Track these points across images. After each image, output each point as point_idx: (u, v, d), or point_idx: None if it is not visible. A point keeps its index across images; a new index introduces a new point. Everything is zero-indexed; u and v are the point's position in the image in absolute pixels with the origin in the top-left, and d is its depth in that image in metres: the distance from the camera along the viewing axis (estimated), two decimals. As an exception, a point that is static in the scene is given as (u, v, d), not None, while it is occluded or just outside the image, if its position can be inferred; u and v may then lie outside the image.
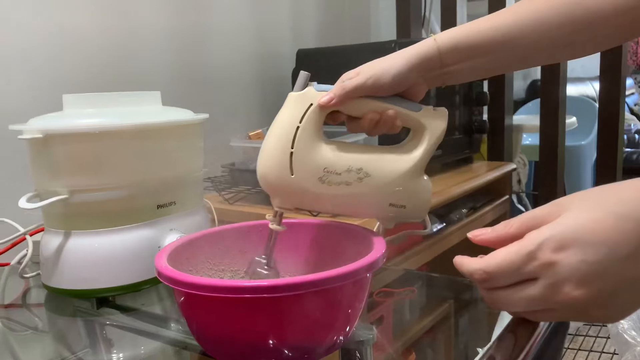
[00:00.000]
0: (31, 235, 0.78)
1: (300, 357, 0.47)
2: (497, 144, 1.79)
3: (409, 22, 1.58)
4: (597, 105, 2.09)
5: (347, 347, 0.54)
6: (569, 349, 1.78)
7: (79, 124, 0.66)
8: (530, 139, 2.60)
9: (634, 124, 3.36)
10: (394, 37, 1.63)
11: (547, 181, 1.92)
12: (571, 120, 2.12)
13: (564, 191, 2.06)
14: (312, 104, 0.54)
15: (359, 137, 0.99)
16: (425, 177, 0.57)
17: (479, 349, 0.51)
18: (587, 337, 1.85)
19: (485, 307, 0.48)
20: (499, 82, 1.76)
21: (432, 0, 1.90)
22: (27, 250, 0.76)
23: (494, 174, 1.46)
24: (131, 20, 1.14)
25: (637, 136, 3.28)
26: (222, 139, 1.13)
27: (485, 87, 1.56)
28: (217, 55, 1.33)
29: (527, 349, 0.47)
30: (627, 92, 2.18)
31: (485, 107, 1.60)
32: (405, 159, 0.56)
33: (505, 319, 0.50)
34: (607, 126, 2.05)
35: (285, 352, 0.46)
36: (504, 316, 0.50)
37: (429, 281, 0.82)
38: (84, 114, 0.69)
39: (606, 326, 1.66)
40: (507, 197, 1.56)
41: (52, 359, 0.59)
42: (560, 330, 0.54)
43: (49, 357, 0.60)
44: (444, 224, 1.29)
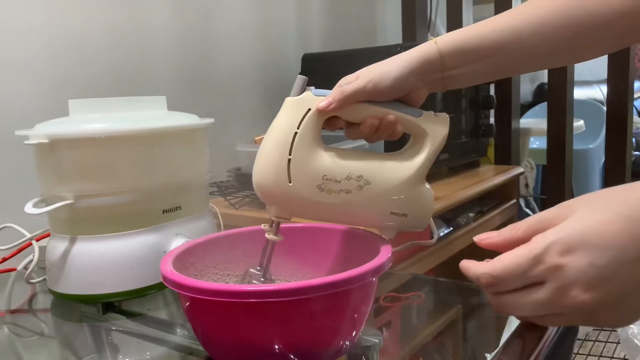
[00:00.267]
0: (37, 240, 0.78)
1: (305, 362, 0.47)
2: (504, 148, 1.79)
3: (414, 25, 1.58)
4: (604, 108, 2.08)
5: (354, 352, 0.54)
6: (578, 354, 1.76)
7: (85, 129, 0.67)
8: (537, 143, 2.59)
9: (643, 127, 3.33)
10: (399, 41, 1.63)
11: (555, 185, 1.91)
12: (579, 123, 2.11)
13: (572, 195, 2.05)
14: (310, 109, 0.53)
15: (355, 144, 0.98)
16: (427, 185, 0.56)
17: (487, 355, 0.50)
18: (596, 342, 1.83)
19: (493, 312, 0.47)
20: (506, 86, 1.75)
21: (438, 3, 1.90)
22: (33, 255, 0.77)
23: (501, 177, 1.45)
24: (137, 26, 1.14)
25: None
26: (227, 144, 1.13)
27: (492, 91, 1.55)
28: (223, 59, 1.33)
29: (535, 354, 0.47)
30: (635, 95, 2.16)
31: (492, 111, 1.59)
32: (406, 166, 0.55)
33: (513, 323, 0.49)
34: (615, 129, 2.03)
35: (291, 356, 0.46)
36: (512, 321, 0.49)
37: (436, 286, 0.82)
38: (90, 119, 0.70)
39: (616, 331, 1.64)
40: (514, 201, 1.55)
41: (58, 365, 0.59)
42: (569, 334, 0.53)
43: (55, 362, 0.61)
44: (451, 229, 1.28)
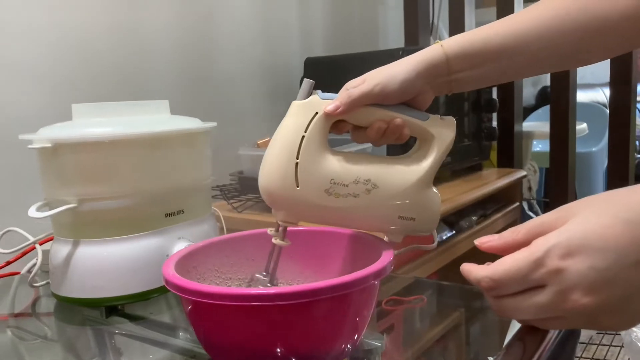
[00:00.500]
0: (41, 244, 0.79)
1: (307, 366, 0.47)
2: (507, 151, 1.78)
3: (417, 29, 1.58)
4: (607, 111, 2.08)
5: (356, 355, 0.54)
6: (581, 358, 1.75)
7: (88, 133, 0.67)
8: (540, 146, 2.58)
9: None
10: (402, 44, 1.63)
11: (558, 188, 1.91)
12: (582, 126, 2.10)
13: (575, 198, 2.02)
14: (317, 113, 0.53)
15: (360, 147, 0.98)
16: (434, 189, 0.56)
17: (490, 358, 0.50)
18: (600, 346, 1.83)
19: (496, 316, 0.47)
20: (509, 89, 1.75)
21: (440, 7, 1.90)
22: (36, 259, 0.77)
23: (504, 181, 1.45)
24: (140, 30, 1.15)
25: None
26: (230, 148, 1.13)
27: (494, 94, 1.55)
28: (225, 63, 1.34)
29: (537, 358, 0.47)
30: (638, 98, 2.16)
31: (494, 114, 1.59)
32: (414, 169, 0.55)
33: (517, 327, 0.49)
34: (618, 132, 2.03)
35: (292, 360, 0.46)
36: (515, 324, 0.49)
37: (439, 289, 0.82)
38: (93, 123, 0.70)
39: (620, 334, 1.64)
40: (517, 204, 1.55)
41: (61, 368, 0.60)
42: (570, 338, 0.53)
43: (58, 365, 0.61)
44: (454, 232, 1.28)
